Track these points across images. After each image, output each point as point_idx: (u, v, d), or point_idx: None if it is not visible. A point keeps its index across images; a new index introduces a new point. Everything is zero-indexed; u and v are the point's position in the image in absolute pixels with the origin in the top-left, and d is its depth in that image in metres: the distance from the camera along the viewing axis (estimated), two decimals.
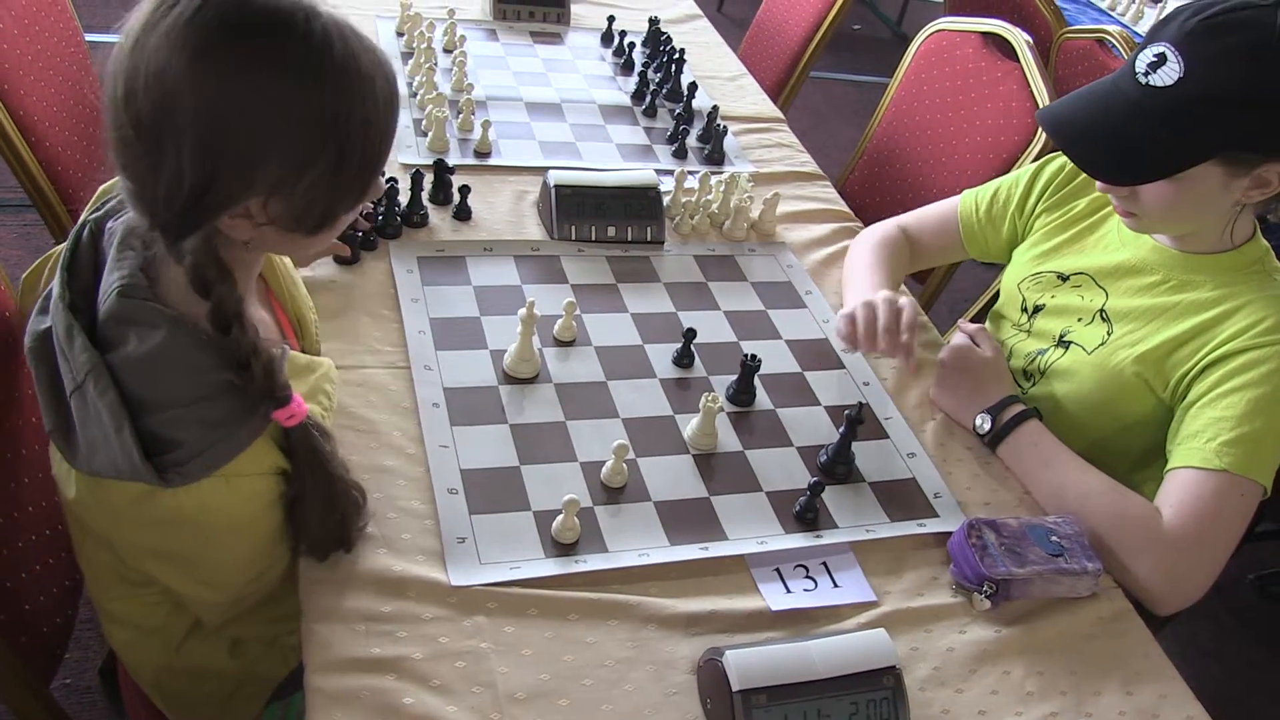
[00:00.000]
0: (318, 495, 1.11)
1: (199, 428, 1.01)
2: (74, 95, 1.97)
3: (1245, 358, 1.41)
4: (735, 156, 2.16)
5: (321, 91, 0.95)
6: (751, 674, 1.08)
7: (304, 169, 0.97)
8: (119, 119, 0.94)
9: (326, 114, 0.96)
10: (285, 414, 1.05)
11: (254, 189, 0.97)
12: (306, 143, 0.96)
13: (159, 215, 0.97)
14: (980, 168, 2.30)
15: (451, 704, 1.08)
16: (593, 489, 1.35)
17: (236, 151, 0.93)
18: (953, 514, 1.43)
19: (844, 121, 4.72)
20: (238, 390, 1.03)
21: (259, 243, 1.05)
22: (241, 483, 1.05)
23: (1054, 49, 3.09)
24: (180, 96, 0.91)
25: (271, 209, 0.99)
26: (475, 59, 2.30)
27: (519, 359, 1.49)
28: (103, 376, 1.00)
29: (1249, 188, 1.35)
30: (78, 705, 1.95)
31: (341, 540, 1.17)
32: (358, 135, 0.99)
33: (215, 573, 1.15)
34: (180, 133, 0.92)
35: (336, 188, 1.01)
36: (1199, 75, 1.29)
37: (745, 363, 1.53)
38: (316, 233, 1.05)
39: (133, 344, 1.01)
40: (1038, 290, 1.68)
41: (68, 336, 1.03)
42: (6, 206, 3.10)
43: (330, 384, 1.25)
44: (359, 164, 1.01)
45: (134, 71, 0.92)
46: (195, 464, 1.00)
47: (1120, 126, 1.36)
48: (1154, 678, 1.29)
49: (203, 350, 1.03)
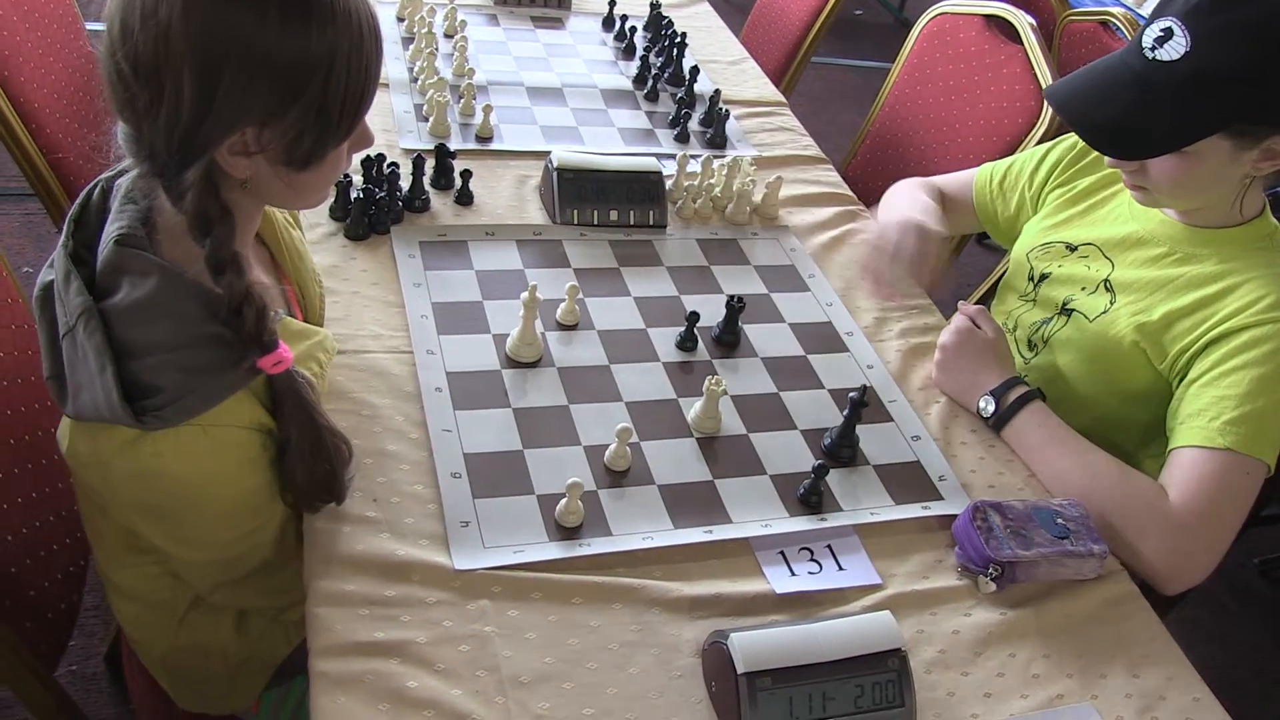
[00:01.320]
0: (304, 443, 1.12)
1: (179, 374, 1.03)
2: (75, 84, 1.97)
3: (1248, 335, 1.40)
4: (737, 140, 2.16)
5: (307, 27, 0.97)
6: (756, 657, 1.08)
7: (292, 101, 1.00)
8: (116, 58, 0.97)
9: (313, 46, 0.98)
10: (271, 360, 1.06)
11: (249, 116, 0.99)
12: (295, 73, 0.99)
13: (158, 155, 0.99)
14: (983, 151, 2.29)
15: (456, 687, 1.08)
16: (596, 472, 1.35)
17: (231, 79, 0.96)
18: (958, 496, 1.42)
19: (845, 107, 4.70)
20: (223, 344, 1.04)
21: (255, 184, 1.07)
22: (220, 433, 1.06)
23: (1057, 31, 3.08)
24: (174, 29, 0.93)
25: (264, 139, 1.02)
26: (476, 44, 2.29)
27: (521, 343, 1.48)
28: (93, 319, 1.02)
29: (1258, 160, 1.35)
30: (83, 692, 1.95)
31: (330, 491, 1.18)
32: (342, 69, 1.01)
33: (197, 529, 1.15)
34: (177, 63, 0.94)
35: (325, 120, 1.03)
36: (1205, 49, 1.29)
37: (730, 304, 1.54)
38: (306, 168, 1.07)
39: (124, 290, 1.03)
40: (1045, 260, 1.68)
41: (65, 279, 1.05)
42: (8, 195, 3.10)
43: (324, 353, 1.26)
44: (344, 98, 1.03)
45: (129, 9, 0.95)
46: (172, 409, 1.01)
47: (1128, 102, 1.36)
48: (1160, 660, 1.29)
49: (191, 299, 1.04)
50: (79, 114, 1.95)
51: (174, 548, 1.17)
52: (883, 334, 1.71)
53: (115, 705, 1.96)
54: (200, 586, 1.25)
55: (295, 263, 1.33)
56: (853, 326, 1.70)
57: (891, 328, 1.72)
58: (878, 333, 1.71)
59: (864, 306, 1.76)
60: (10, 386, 1.33)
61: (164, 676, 1.35)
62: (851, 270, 1.84)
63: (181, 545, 1.17)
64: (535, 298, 1.46)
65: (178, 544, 1.17)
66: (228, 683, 1.35)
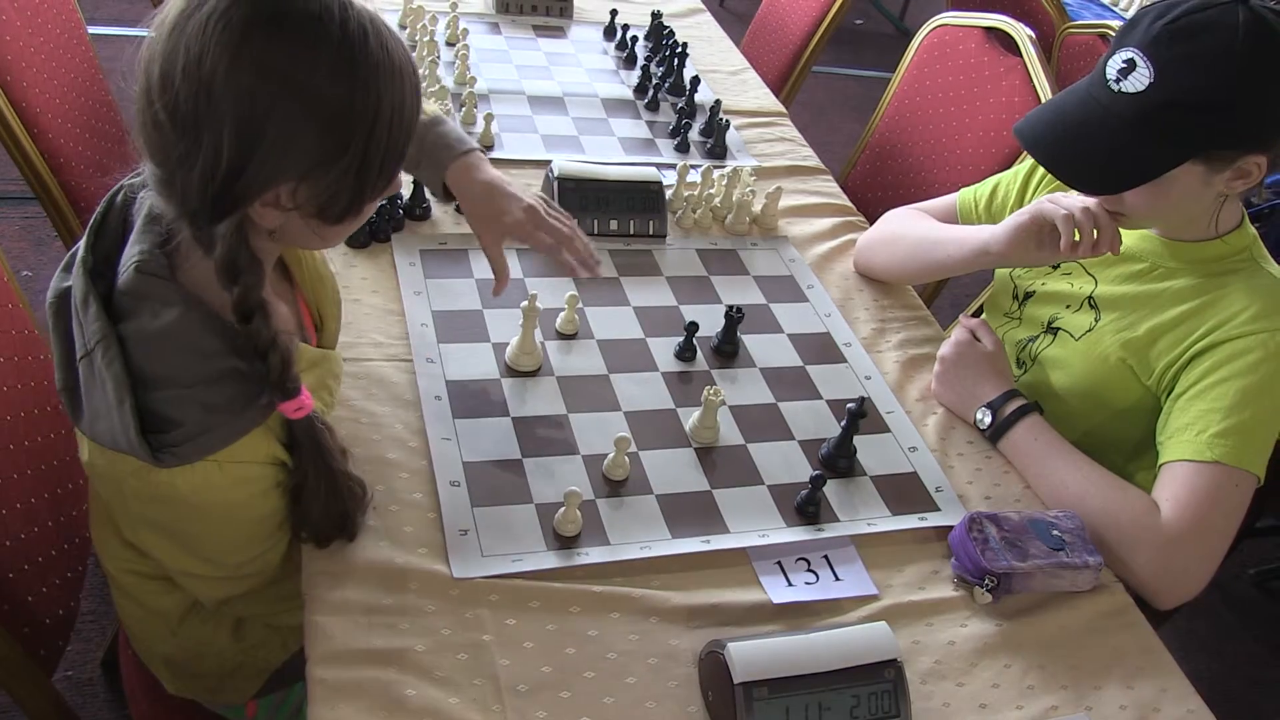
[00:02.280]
0: (321, 487, 1.12)
1: (198, 410, 1.02)
2: (77, 88, 1.97)
3: (1231, 348, 1.41)
4: (737, 150, 2.16)
5: (354, 82, 0.97)
6: (753, 666, 1.08)
7: (336, 157, 0.99)
8: (152, 106, 0.95)
9: (358, 104, 0.97)
10: (293, 406, 1.06)
11: (287, 175, 0.98)
12: (339, 131, 0.98)
13: (189, 201, 0.98)
14: (982, 163, 2.30)
15: (454, 696, 1.08)
16: (594, 482, 1.35)
17: (273, 138, 0.95)
18: (954, 508, 1.43)
19: (846, 117, 4.71)
20: (241, 378, 1.04)
21: (284, 231, 1.06)
22: (235, 469, 1.06)
23: (1056, 44, 3.09)
24: (218, 84, 0.92)
25: (300, 195, 1.01)
26: (478, 52, 2.30)
27: (521, 352, 1.49)
28: (111, 347, 1.01)
29: (1230, 179, 1.36)
30: (79, 697, 1.95)
31: (344, 530, 1.18)
32: (385, 126, 1.00)
33: (209, 550, 1.15)
34: (218, 119, 0.93)
35: (365, 176, 1.02)
36: (1169, 80, 1.30)
37: (729, 314, 1.55)
38: (340, 222, 1.07)
39: (145, 318, 1.03)
40: (1029, 277, 1.69)
41: (84, 302, 1.05)
42: (8, 199, 3.10)
43: (334, 379, 1.26)
44: (385, 154, 1.03)
45: (170, 59, 0.93)
46: (189, 447, 1.01)
47: (1097, 137, 1.37)
48: (1155, 671, 1.29)
49: (212, 334, 1.04)
50: (80, 118, 1.96)
51: (179, 564, 1.17)
52: (881, 345, 1.71)
53: (112, 710, 1.96)
54: (203, 597, 1.25)
55: (315, 284, 1.32)
56: (851, 337, 1.70)
57: (890, 339, 1.73)
58: (876, 344, 1.71)
59: (862, 318, 1.76)
60: (10, 392, 1.34)
61: (160, 668, 1.35)
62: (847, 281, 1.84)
63: (187, 562, 1.17)
64: (535, 307, 1.46)
65: (184, 561, 1.17)
66: (220, 680, 1.36)
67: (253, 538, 1.16)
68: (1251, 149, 1.32)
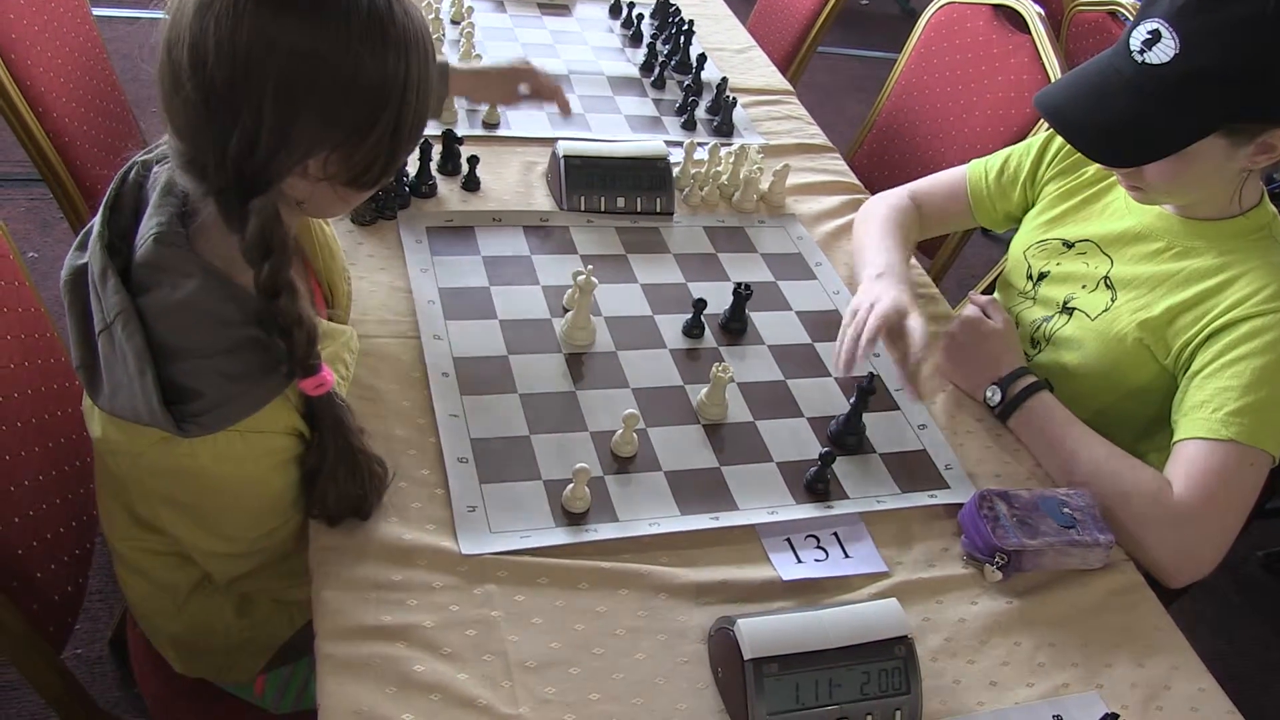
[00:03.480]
0: (341, 466, 1.13)
1: (219, 380, 1.03)
2: (82, 69, 1.96)
3: (1249, 326, 1.40)
4: (744, 128, 2.15)
5: (385, 53, 0.98)
6: (763, 643, 1.08)
7: (370, 127, 1.00)
8: (183, 88, 0.95)
9: (390, 74, 0.99)
10: (314, 383, 1.07)
11: (322, 147, 1.00)
12: (373, 102, 0.99)
13: (222, 178, 0.98)
14: (990, 141, 2.29)
15: (462, 672, 1.08)
16: (603, 459, 1.35)
17: (310, 112, 0.96)
18: (964, 485, 1.42)
19: (852, 97, 4.69)
20: (260, 346, 1.05)
21: (312, 201, 1.07)
22: (257, 439, 1.06)
23: (1065, 21, 3.07)
24: (254, 62, 0.93)
25: (331, 166, 1.02)
26: (483, 30, 2.29)
27: (575, 327, 1.49)
28: (131, 320, 1.01)
29: (1254, 154, 1.34)
30: (88, 675, 1.96)
31: (359, 510, 1.18)
32: (414, 92, 1.02)
33: (225, 524, 1.16)
34: (256, 97, 0.94)
35: (397, 143, 1.04)
36: (1195, 51, 1.27)
37: (737, 291, 1.55)
38: (367, 189, 1.09)
39: (165, 290, 1.03)
40: (1043, 257, 1.68)
41: (102, 277, 1.05)
42: (14, 180, 3.10)
43: (350, 353, 1.26)
44: (413, 123, 1.05)
45: (201, 39, 0.93)
46: (212, 416, 1.02)
47: (1119, 108, 1.34)
48: (1166, 650, 1.29)
49: (231, 303, 1.04)
50: (86, 99, 1.95)
51: (198, 540, 1.17)
52: None
53: (120, 688, 1.96)
54: (219, 575, 1.25)
55: (326, 260, 1.33)
56: None
57: None
58: None
59: None
60: (18, 370, 1.33)
61: (167, 648, 1.35)
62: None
63: (206, 539, 1.17)
64: (591, 280, 1.46)
65: (202, 538, 1.17)
66: (227, 657, 1.36)
67: (270, 511, 1.16)
68: (1277, 121, 1.31)
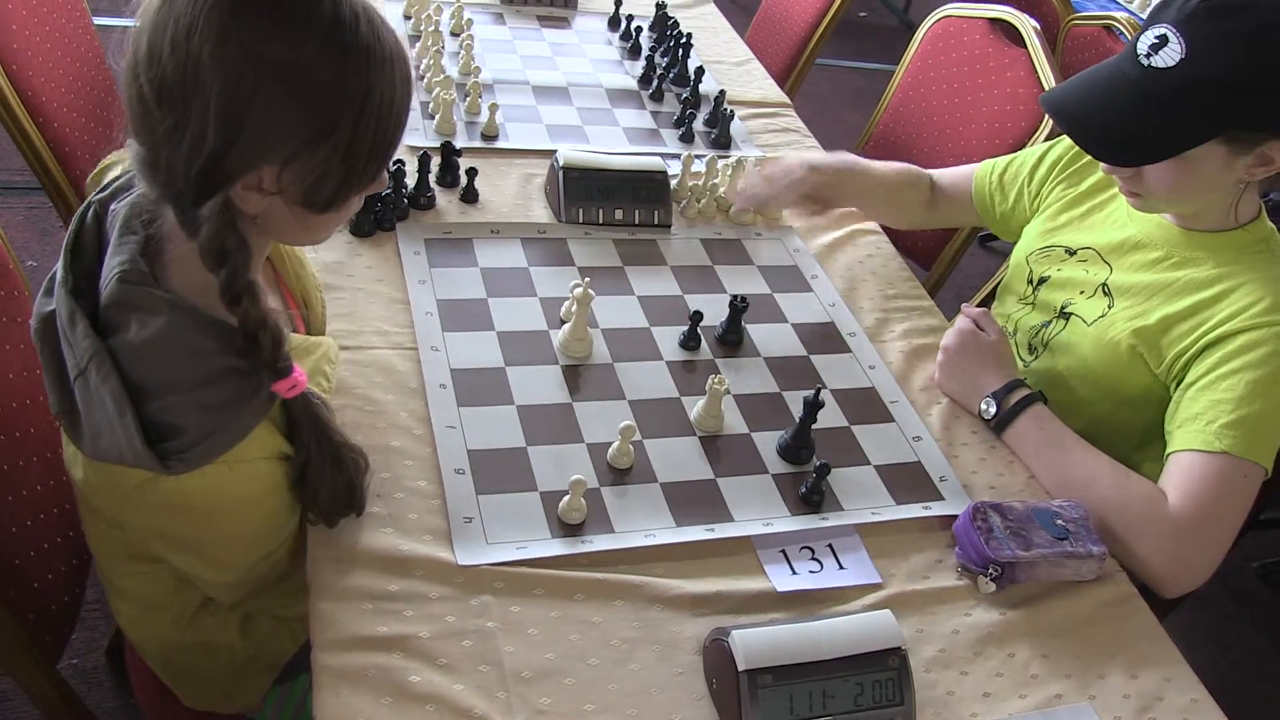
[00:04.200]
0: (324, 461, 1.12)
1: (200, 414, 1.01)
2: (82, 77, 1.97)
3: (1244, 339, 1.41)
4: (742, 141, 2.16)
5: (344, 65, 0.96)
6: (757, 654, 1.08)
7: (321, 140, 0.98)
8: (138, 80, 0.95)
9: (347, 88, 0.97)
10: (286, 385, 1.06)
11: (272, 155, 0.97)
12: (326, 114, 0.97)
13: (174, 181, 0.97)
14: (987, 153, 2.28)
15: (458, 682, 1.08)
16: (599, 470, 1.35)
17: (258, 117, 0.94)
18: (958, 497, 1.43)
19: (850, 109, 4.70)
20: (239, 375, 1.03)
21: (267, 219, 1.05)
22: (244, 468, 1.05)
23: (1061, 35, 3.09)
24: (207, 60, 0.91)
25: (284, 179, 1.00)
26: (482, 42, 2.30)
27: (573, 339, 1.50)
28: (105, 363, 1.00)
29: (1252, 165, 1.36)
30: (85, 685, 1.96)
31: (351, 503, 1.18)
32: (373, 112, 1.00)
33: (221, 554, 1.15)
34: (204, 95, 0.92)
35: (351, 163, 1.02)
36: (1201, 57, 1.29)
37: (734, 303, 1.55)
38: (325, 211, 1.06)
39: (134, 329, 1.01)
40: (1045, 263, 1.69)
41: (70, 322, 1.03)
42: (13, 189, 3.10)
43: (330, 364, 1.25)
44: (373, 143, 1.02)
45: (158, 33, 0.93)
46: (197, 451, 1.00)
47: (1123, 109, 1.36)
48: (1159, 661, 1.29)
49: (204, 333, 1.03)
50: (86, 108, 1.96)
51: (199, 570, 1.17)
52: (885, 335, 1.71)
53: (116, 698, 1.96)
54: (222, 599, 1.25)
55: (297, 271, 1.31)
56: (855, 327, 1.70)
57: (894, 328, 1.73)
58: (880, 333, 1.71)
59: (866, 308, 1.76)
60: (16, 380, 1.34)
61: (167, 674, 1.35)
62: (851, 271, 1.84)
63: (208, 568, 1.17)
64: (588, 293, 1.46)
65: (203, 567, 1.16)
66: (232, 681, 1.35)
67: (264, 535, 1.16)
68: (1277, 133, 1.32)
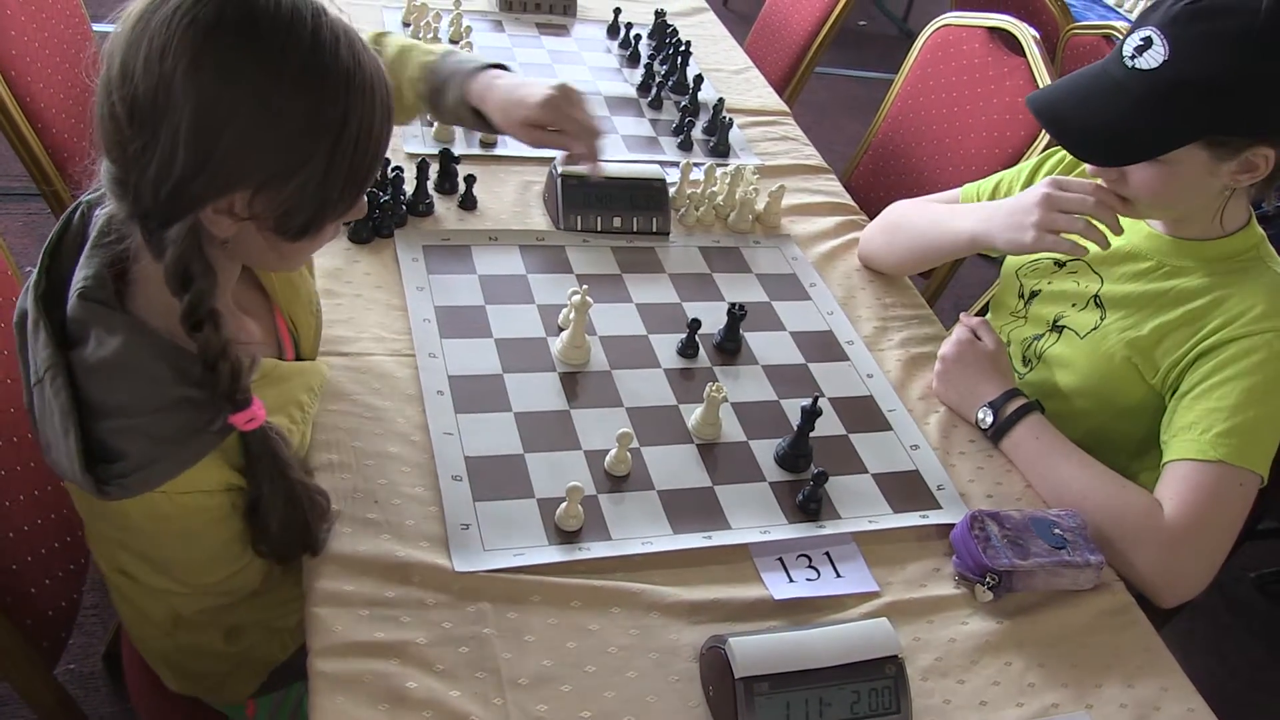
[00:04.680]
0: (277, 500, 1.09)
1: (145, 442, 0.99)
2: (81, 84, 1.96)
3: (1236, 347, 1.41)
4: (741, 149, 2.16)
5: (321, 93, 0.94)
6: (754, 662, 1.08)
7: (295, 168, 0.95)
8: (110, 98, 0.93)
9: (323, 117, 0.95)
10: (244, 417, 1.02)
11: (244, 181, 0.95)
12: (301, 143, 0.95)
13: (142, 201, 0.95)
14: (985, 163, 2.30)
15: (454, 689, 1.08)
16: (596, 477, 1.35)
17: (230, 142, 0.92)
18: (956, 506, 1.43)
19: (849, 117, 4.71)
20: (192, 405, 1.01)
21: (237, 244, 1.02)
22: (184, 499, 1.03)
23: (1060, 45, 3.09)
24: (179, 82, 0.89)
25: (256, 205, 0.97)
26: (481, 50, 2.30)
27: (571, 346, 1.50)
28: (59, 375, 0.99)
29: (1236, 171, 1.36)
30: (81, 690, 1.96)
31: (306, 544, 1.15)
32: (350, 141, 0.97)
33: (178, 571, 1.14)
34: (175, 117, 0.90)
35: (326, 193, 0.99)
36: (1183, 59, 1.30)
37: (732, 311, 1.54)
38: (298, 239, 1.03)
39: (91, 346, 1.00)
40: (1034, 276, 1.69)
41: (34, 328, 1.02)
42: (12, 195, 3.11)
43: (309, 393, 1.23)
44: (349, 172, 0.99)
45: (132, 51, 0.91)
46: (135, 479, 0.98)
47: (1106, 109, 1.37)
48: (1155, 670, 1.29)
49: (161, 360, 1.00)
50: (85, 114, 1.95)
51: (154, 582, 1.15)
52: (883, 343, 1.72)
53: (113, 704, 1.96)
54: (184, 611, 1.22)
55: (289, 295, 1.28)
56: (853, 335, 1.71)
57: (892, 337, 1.73)
58: (878, 342, 1.71)
59: (864, 316, 1.76)
60: (14, 386, 1.34)
61: (161, 666, 1.34)
62: (849, 280, 1.85)
63: (162, 582, 1.15)
64: (586, 300, 1.46)
65: (158, 580, 1.15)
66: (219, 679, 1.34)
67: (217, 560, 1.14)
68: (1259, 139, 1.32)
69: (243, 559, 1.15)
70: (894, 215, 1.83)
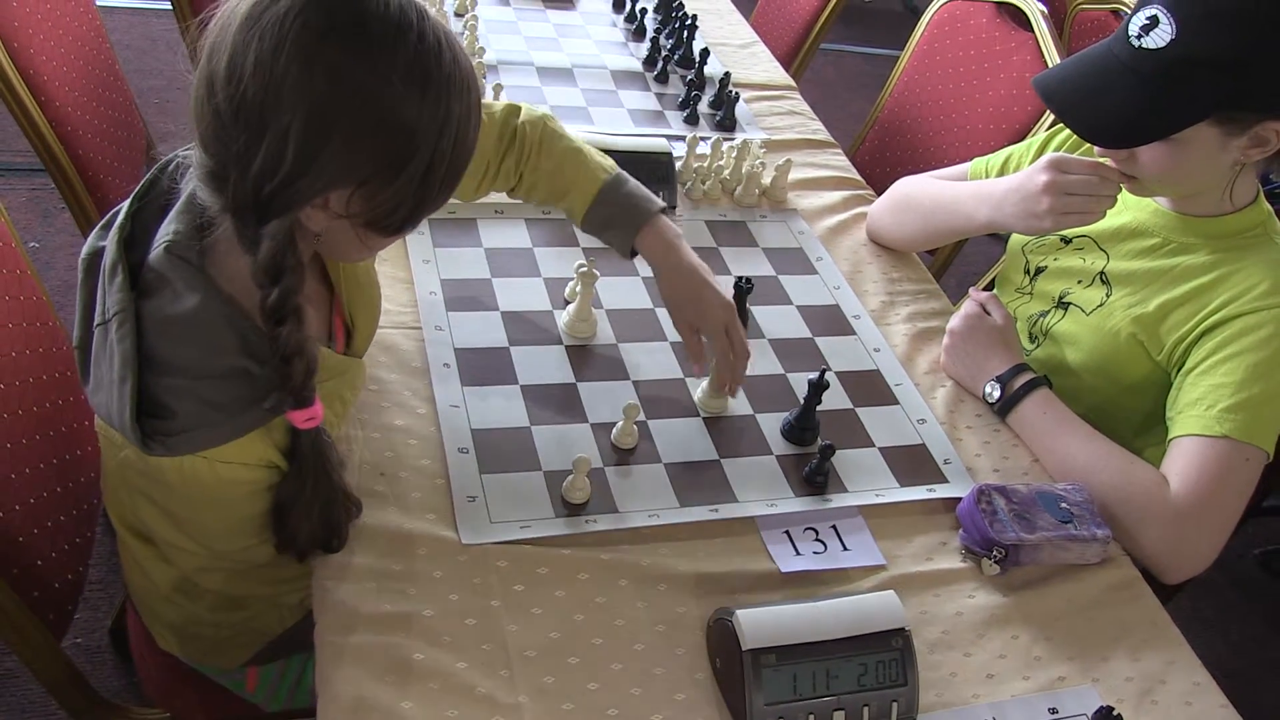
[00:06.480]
0: (316, 502, 1.09)
1: (197, 405, 1.00)
2: (86, 58, 1.97)
3: (1242, 323, 1.41)
4: (747, 123, 2.15)
5: (425, 96, 0.95)
6: (761, 633, 1.08)
7: (398, 169, 0.96)
8: (215, 96, 0.93)
9: (427, 118, 0.95)
10: (304, 416, 1.03)
11: (349, 179, 0.96)
12: (405, 144, 0.96)
13: (240, 197, 0.95)
14: (992, 138, 2.29)
15: (461, 660, 1.09)
16: (603, 450, 1.35)
17: (338, 145, 0.92)
18: (962, 480, 1.43)
19: (855, 93, 4.69)
20: (249, 379, 1.01)
21: (328, 237, 1.04)
22: (224, 469, 1.03)
23: (1068, 20, 3.07)
24: (289, 85, 0.90)
25: (355, 203, 0.98)
26: (487, 23, 2.29)
27: (577, 319, 1.50)
28: (128, 322, 0.99)
29: (1247, 146, 1.35)
30: (88, 664, 1.96)
31: (327, 543, 1.15)
32: (450, 141, 0.98)
33: (197, 533, 1.14)
34: (285, 120, 0.90)
35: (424, 192, 1.00)
36: (1191, 37, 1.29)
37: (739, 285, 1.54)
38: (388, 234, 1.04)
39: (166, 299, 1.00)
40: (1040, 253, 1.69)
41: (112, 271, 1.03)
42: (16, 170, 3.10)
43: (351, 390, 1.24)
44: (448, 170, 1.01)
45: (240, 51, 0.91)
46: (180, 439, 0.99)
47: (1114, 90, 1.36)
48: (1161, 645, 1.29)
49: (229, 329, 1.01)
50: (89, 88, 1.95)
51: (170, 538, 1.15)
52: (890, 318, 1.71)
53: (120, 677, 1.97)
54: (186, 570, 1.22)
55: (352, 289, 1.26)
56: (860, 309, 1.70)
57: (899, 311, 1.73)
58: (885, 316, 1.71)
59: (871, 290, 1.76)
60: (20, 359, 1.34)
61: (160, 629, 1.34)
62: (856, 254, 1.84)
63: (177, 539, 1.15)
64: (593, 273, 1.46)
65: (175, 536, 1.15)
66: (217, 644, 1.34)
67: (239, 532, 1.14)
68: (1270, 114, 1.31)
69: (263, 534, 1.15)
70: (902, 192, 1.82)
